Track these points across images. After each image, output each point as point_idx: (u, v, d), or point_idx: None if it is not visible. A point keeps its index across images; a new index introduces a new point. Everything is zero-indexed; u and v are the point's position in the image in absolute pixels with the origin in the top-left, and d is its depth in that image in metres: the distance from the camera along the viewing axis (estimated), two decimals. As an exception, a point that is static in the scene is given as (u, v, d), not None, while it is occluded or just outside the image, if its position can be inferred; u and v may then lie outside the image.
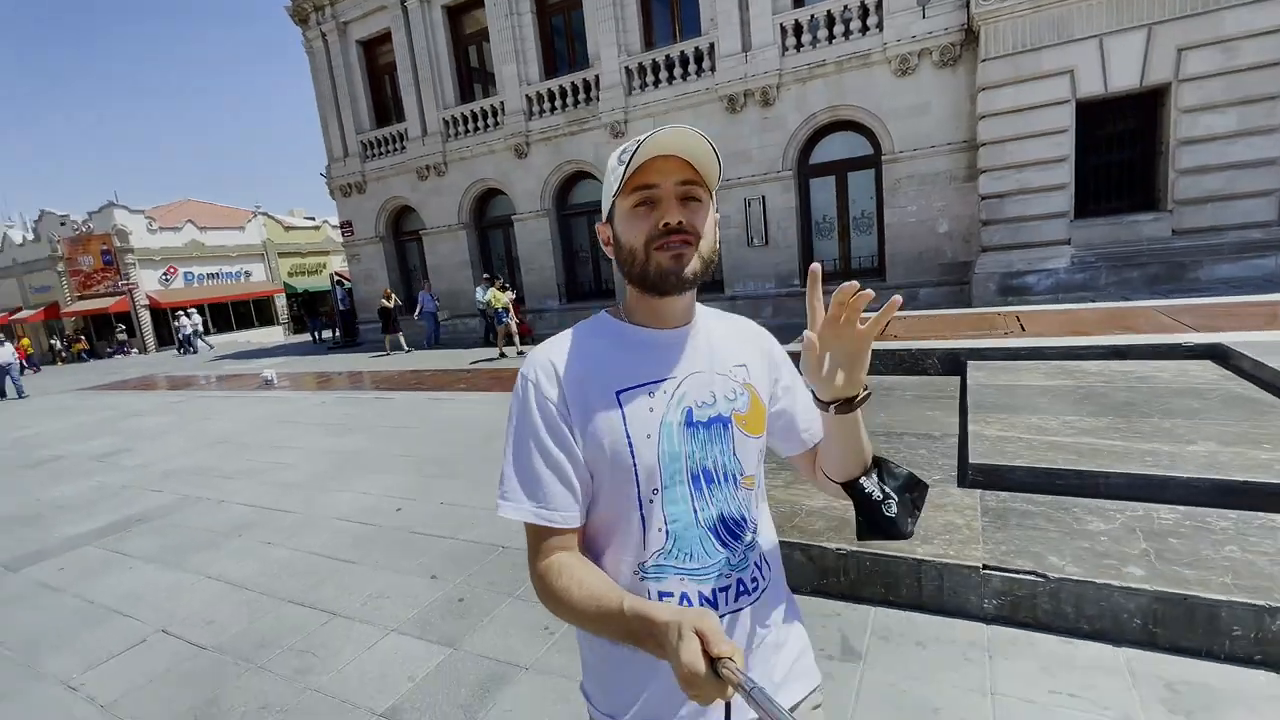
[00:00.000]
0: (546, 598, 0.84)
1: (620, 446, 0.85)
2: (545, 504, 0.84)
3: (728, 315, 1.04)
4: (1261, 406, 3.38)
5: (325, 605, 3.15)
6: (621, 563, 0.88)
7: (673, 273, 0.84)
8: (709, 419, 0.90)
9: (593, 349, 0.90)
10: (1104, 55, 8.38)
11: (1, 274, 30.67)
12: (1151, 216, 8.57)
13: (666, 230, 0.84)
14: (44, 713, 2.54)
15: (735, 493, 0.91)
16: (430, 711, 2.28)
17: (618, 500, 0.86)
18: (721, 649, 0.63)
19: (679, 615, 0.68)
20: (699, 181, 0.86)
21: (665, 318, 0.91)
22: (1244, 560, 2.21)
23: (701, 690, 0.63)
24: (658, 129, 0.81)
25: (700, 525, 0.88)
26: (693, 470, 0.88)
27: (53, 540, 4.55)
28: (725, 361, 0.94)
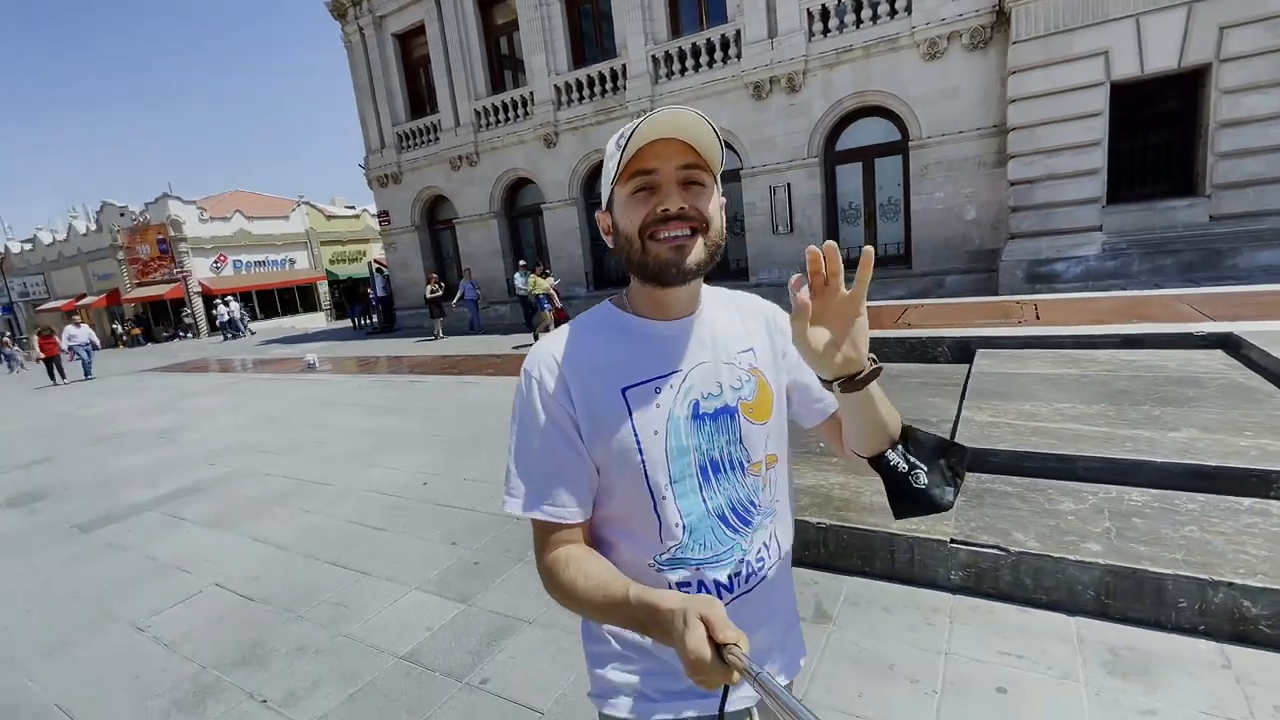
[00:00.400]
0: (554, 589, 0.85)
1: (628, 444, 0.84)
2: (551, 500, 0.85)
3: (732, 294, 1.01)
4: (1258, 395, 3.42)
5: (356, 566, 3.49)
6: (639, 555, 0.88)
7: (673, 264, 0.82)
8: (715, 410, 0.89)
9: (596, 343, 0.88)
10: (1140, 35, 8.14)
11: (68, 262, 32.55)
12: (1187, 202, 8.33)
13: (665, 216, 0.81)
14: (120, 649, 2.93)
15: (743, 480, 0.91)
16: (444, 656, 2.57)
17: (631, 495, 0.86)
18: (726, 635, 0.64)
19: (684, 603, 0.68)
20: (701, 165, 0.82)
21: (669, 308, 0.89)
22: (1200, 539, 2.33)
23: (707, 676, 0.64)
24: (655, 110, 0.78)
25: (711, 515, 0.89)
26: (700, 462, 0.88)
27: (120, 506, 5.05)
28: (731, 348, 0.93)
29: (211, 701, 2.46)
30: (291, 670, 2.60)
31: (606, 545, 0.90)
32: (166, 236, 27.61)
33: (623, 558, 0.88)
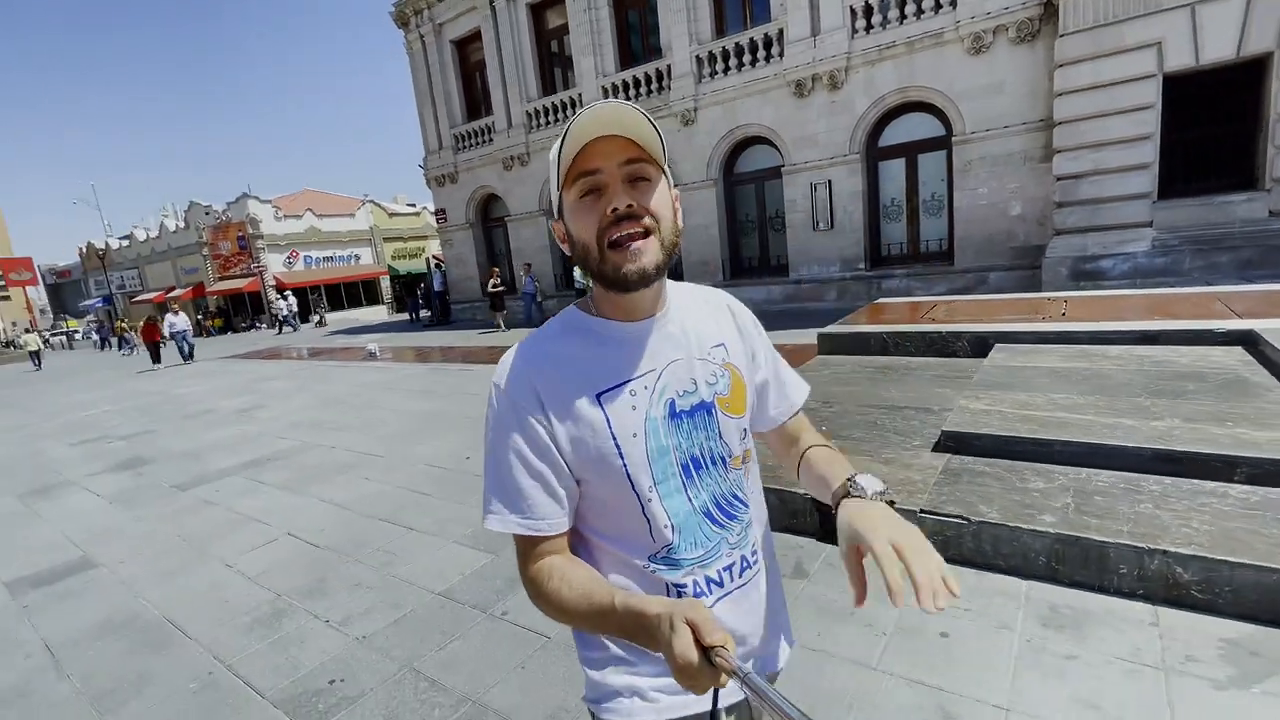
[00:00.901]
0: (539, 600, 0.85)
1: (608, 450, 0.83)
2: (530, 514, 0.84)
3: (697, 289, 1.00)
4: (1257, 389, 3.49)
5: (405, 523, 4.00)
6: (630, 559, 0.88)
7: (631, 271, 0.80)
8: (692, 407, 0.89)
9: (566, 350, 0.87)
10: (1196, 25, 7.89)
11: (159, 257, 35.38)
12: (1245, 197, 8.03)
13: (616, 217, 0.79)
14: (212, 580, 3.52)
15: (726, 474, 0.91)
16: (472, 593, 3.02)
17: (617, 501, 0.86)
18: (713, 638, 0.64)
19: (670, 607, 0.68)
20: (645, 158, 0.81)
21: (634, 310, 0.88)
22: (1150, 515, 2.52)
23: (696, 679, 0.64)
24: (585, 108, 0.76)
25: (696, 513, 0.89)
26: (681, 460, 0.88)
27: (210, 470, 5.78)
28: (703, 344, 0.92)
29: (285, 620, 2.99)
30: (348, 600, 3.11)
31: (600, 551, 0.90)
32: (245, 233, 29.68)
33: (617, 563, 0.88)
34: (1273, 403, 3.27)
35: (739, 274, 13.65)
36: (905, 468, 3.26)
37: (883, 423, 4.00)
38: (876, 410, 4.26)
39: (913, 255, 11.54)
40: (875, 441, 3.69)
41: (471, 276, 18.65)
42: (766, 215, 13.14)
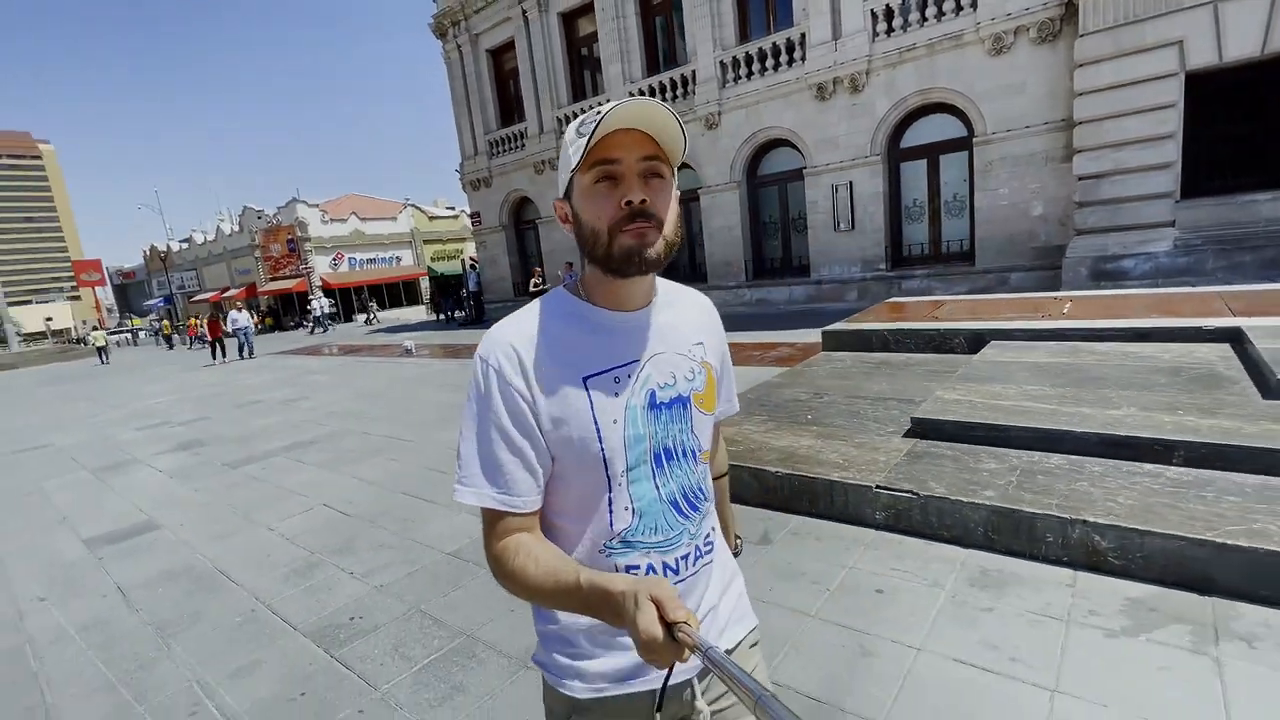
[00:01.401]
0: (504, 577, 0.85)
1: (588, 433, 0.85)
2: (506, 490, 0.84)
3: (681, 289, 1.04)
4: (1224, 382, 3.63)
5: (424, 496, 4.44)
6: (589, 540, 0.89)
7: (636, 253, 0.82)
8: (670, 400, 0.91)
9: (555, 331, 0.88)
10: (1219, 23, 7.82)
11: (215, 259, 37.34)
12: (1270, 196, 7.90)
13: (630, 211, 0.81)
14: (257, 540, 4.01)
15: (695, 467, 0.94)
16: (477, 553, 3.41)
17: (586, 483, 0.87)
18: (677, 614, 0.65)
19: (635, 585, 0.70)
20: (662, 157, 0.83)
21: (626, 300, 0.90)
22: (1083, 491, 2.74)
23: (660, 654, 0.66)
24: (621, 101, 0.78)
25: (663, 501, 0.91)
26: (655, 450, 0.90)
27: (257, 451, 6.36)
28: (684, 341, 0.95)
29: (316, 571, 3.43)
30: (371, 557, 3.55)
31: (556, 530, 0.91)
32: (294, 236, 31.13)
33: (571, 543, 0.90)
34: (1233, 394, 3.42)
35: (761, 274, 13.86)
36: (873, 450, 3.53)
37: (865, 412, 4.26)
38: (862, 401, 4.51)
39: (934, 256, 11.58)
40: (852, 428, 3.95)
41: (504, 277, 19.29)
42: (789, 216, 13.32)
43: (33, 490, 5.91)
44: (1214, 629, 2.12)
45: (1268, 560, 2.18)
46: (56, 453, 7.55)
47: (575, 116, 15.80)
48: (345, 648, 2.67)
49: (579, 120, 0.81)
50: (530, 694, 2.22)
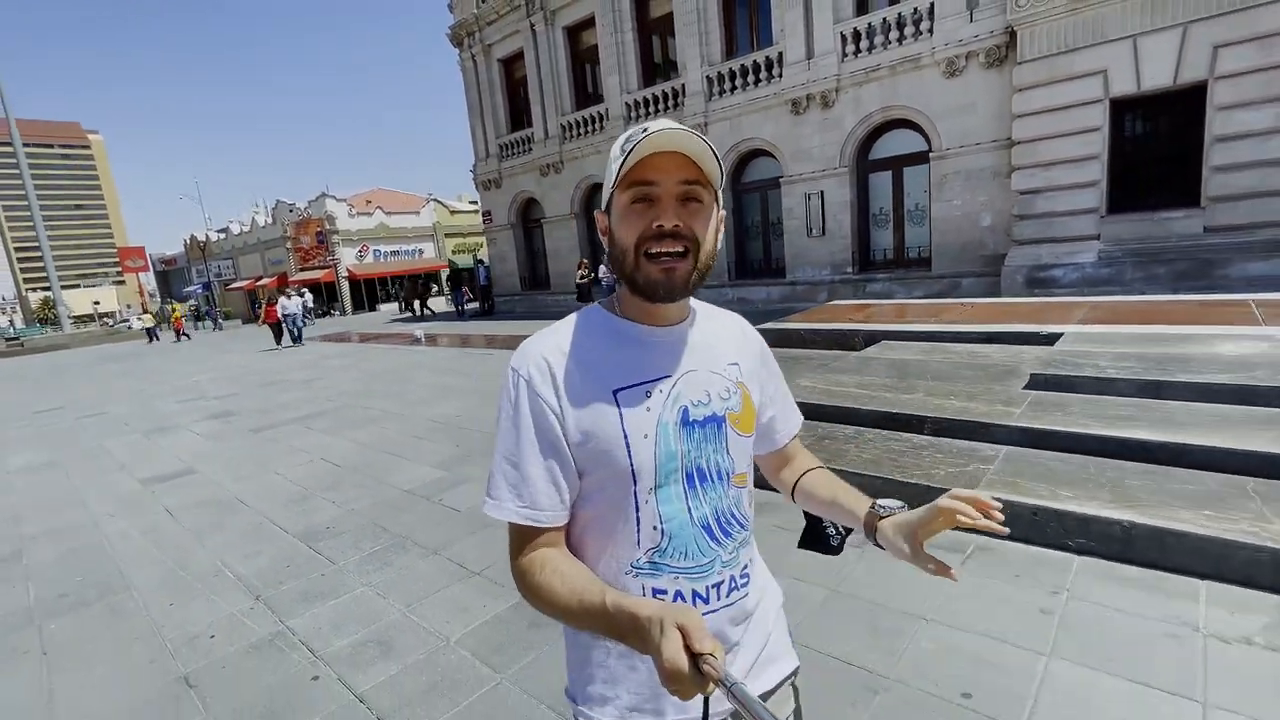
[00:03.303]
0: (528, 591, 0.84)
1: (617, 447, 0.84)
2: (532, 504, 0.84)
3: (719, 311, 1.04)
4: (1009, 377, 4.59)
5: (399, 454, 5.64)
6: (614, 559, 0.88)
7: (661, 285, 0.84)
8: (704, 418, 0.89)
9: (588, 345, 0.88)
10: (1138, 55, 8.59)
11: (250, 249, 39.40)
12: (1183, 213, 8.67)
13: (660, 233, 0.82)
14: (268, 482, 5.24)
15: (728, 490, 0.91)
16: (425, 490, 4.58)
17: (613, 498, 0.86)
18: (703, 645, 0.64)
19: (661, 611, 0.68)
20: (702, 181, 0.84)
21: (659, 317, 0.90)
22: (847, 451, 3.78)
23: (682, 686, 0.64)
24: (660, 124, 0.79)
25: (694, 524, 0.88)
26: (687, 469, 0.88)
27: (276, 420, 7.66)
28: (719, 360, 0.95)
29: (307, 501, 4.64)
30: (349, 493, 4.74)
31: (582, 546, 0.90)
32: (323, 229, 32.87)
33: (597, 560, 0.88)
34: (1005, 385, 4.40)
35: (743, 275, 14.84)
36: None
37: (745, 395, 5.31)
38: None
39: (897, 261, 12.45)
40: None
41: (512, 272, 20.55)
42: (769, 221, 14.27)
43: (96, 446, 7.28)
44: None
45: (921, 492, 3.21)
46: (112, 420, 8.97)
47: (577, 124, 16.99)
48: (320, 543, 3.86)
49: (625, 135, 0.83)
50: (433, 568, 3.38)
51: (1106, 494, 2.88)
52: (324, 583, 3.34)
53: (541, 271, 19.86)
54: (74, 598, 3.46)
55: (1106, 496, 2.86)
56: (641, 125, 0.80)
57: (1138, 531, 2.64)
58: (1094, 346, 4.71)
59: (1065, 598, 2.53)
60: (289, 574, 3.48)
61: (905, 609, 2.57)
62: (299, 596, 3.21)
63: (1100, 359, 4.32)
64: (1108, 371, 4.05)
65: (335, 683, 2.49)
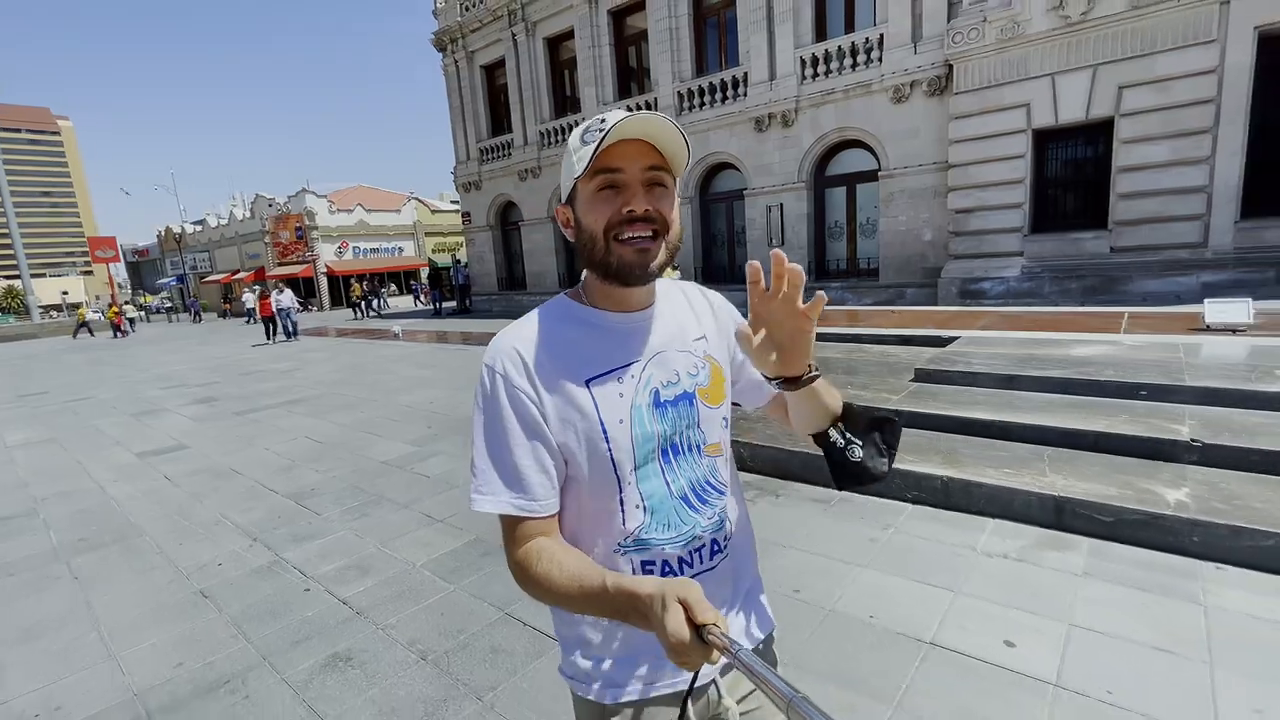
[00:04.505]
0: (527, 583, 0.85)
1: (594, 434, 0.86)
2: (523, 494, 0.85)
3: (680, 284, 1.05)
4: (901, 371, 5.39)
5: (376, 433, 6.27)
6: (600, 540, 0.90)
7: (635, 266, 0.85)
8: (675, 397, 0.92)
9: (558, 335, 0.90)
10: (1056, 91, 9.55)
11: (227, 243, 39.28)
12: (1093, 234, 9.64)
13: (630, 218, 0.83)
14: (256, 456, 5.84)
15: (700, 460, 0.94)
16: (401, 462, 5.24)
17: (596, 484, 0.88)
18: (705, 616, 0.65)
19: (662, 587, 0.69)
20: (665, 167, 0.85)
21: (626, 303, 0.92)
22: (752, 427, 4.53)
23: (688, 657, 0.65)
24: (627, 114, 0.80)
25: (673, 496, 0.91)
26: (663, 447, 0.91)
27: (258, 405, 8.21)
28: (685, 337, 0.96)
29: (293, 470, 5.27)
30: (330, 464, 5.37)
31: (569, 532, 0.92)
32: (303, 225, 33.01)
33: (586, 544, 0.90)
34: (894, 377, 5.20)
35: (709, 280, 15.61)
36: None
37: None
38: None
39: (850, 270, 13.34)
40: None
41: (490, 272, 21.11)
42: (734, 230, 15.09)
43: (89, 426, 7.77)
44: (775, 494, 3.92)
45: (782, 457, 3.97)
46: (100, 403, 9.42)
47: (555, 132, 17.66)
48: (307, 500, 4.50)
49: (583, 127, 0.83)
50: (403, 518, 4.05)
51: (940, 458, 3.67)
52: (311, 528, 4.00)
53: (519, 272, 20.47)
54: (92, 541, 4.06)
55: (939, 460, 3.65)
56: (599, 116, 0.82)
57: (953, 484, 3.43)
58: (976, 348, 5.53)
59: (891, 532, 3.30)
60: (281, 523, 4.12)
61: (773, 539, 3.31)
62: (290, 538, 3.86)
63: (975, 358, 5.14)
64: (976, 367, 4.86)
65: (323, 592, 3.16)
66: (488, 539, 3.62)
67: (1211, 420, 3.59)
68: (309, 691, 2.39)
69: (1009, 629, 2.43)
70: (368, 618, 2.89)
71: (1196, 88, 8.53)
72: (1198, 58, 8.46)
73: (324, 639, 2.74)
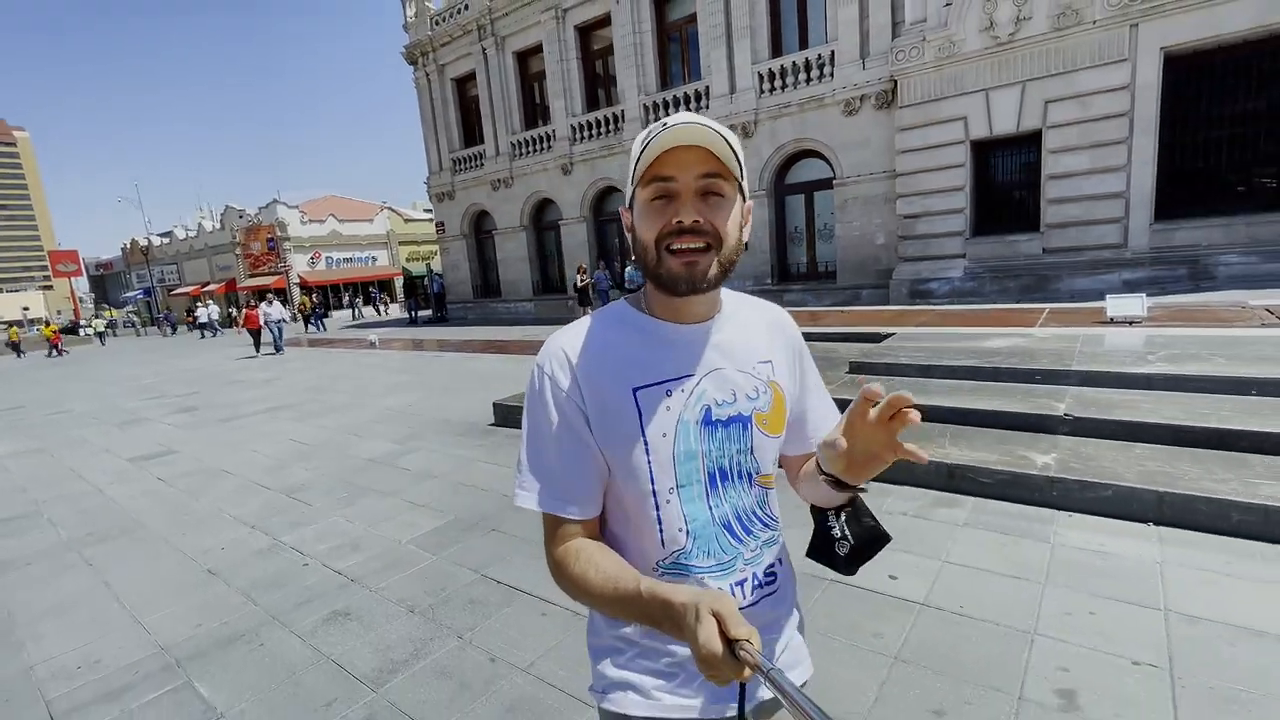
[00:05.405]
0: (564, 581, 0.86)
1: (636, 444, 0.85)
2: (562, 495, 0.86)
3: (757, 303, 1.02)
4: (839, 365, 5.98)
5: (359, 434, 6.67)
6: (640, 556, 0.89)
7: (684, 280, 0.83)
8: (728, 418, 0.89)
9: (610, 341, 0.89)
10: (989, 105, 10.33)
11: (197, 255, 38.87)
12: (1027, 237, 10.43)
13: (680, 229, 0.81)
14: (244, 458, 6.20)
15: (750, 489, 0.92)
16: (384, 458, 5.66)
17: (634, 496, 0.87)
18: (739, 631, 0.64)
19: (696, 597, 0.68)
20: (722, 174, 0.82)
21: (685, 314, 0.89)
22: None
23: (719, 671, 0.64)
24: (678, 118, 0.79)
25: (716, 523, 0.89)
26: (709, 469, 0.88)
27: (243, 412, 8.52)
28: (749, 358, 0.93)
29: (283, 469, 5.65)
30: (319, 462, 5.77)
31: (615, 537, 0.92)
32: (275, 235, 32.91)
33: (630, 551, 0.89)
34: (836, 371, 5.77)
35: (679, 285, 16.17)
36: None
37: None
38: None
39: (810, 274, 14.03)
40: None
41: (465, 280, 21.45)
42: (701, 237, 15.67)
43: (74, 436, 8.01)
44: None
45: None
46: (79, 416, 9.61)
47: (527, 143, 18.13)
48: (298, 494, 4.91)
49: (645, 130, 0.82)
50: (388, 505, 4.48)
51: (859, 437, 4.23)
52: (304, 516, 4.42)
53: (493, 280, 20.84)
54: (100, 534, 4.42)
55: (858, 438, 4.21)
56: (661, 120, 0.80)
57: (868, 458, 3.98)
58: (905, 343, 6.15)
59: (814, 499, 3.85)
60: (276, 513, 4.53)
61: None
62: (286, 525, 4.28)
63: (901, 352, 5.75)
64: (901, 360, 5.47)
65: (320, 566, 3.60)
66: (465, 518, 4.09)
67: (1086, 398, 4.21)
68: (315, 639, 2.84)
69: (895, 567, 2.98)
70: (362, 584, 3.34)
71: (1112, 102, 9.35)
72: (1112, 75, 9.28)
73: (324, 601, 3.19)
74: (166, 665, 2.74)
